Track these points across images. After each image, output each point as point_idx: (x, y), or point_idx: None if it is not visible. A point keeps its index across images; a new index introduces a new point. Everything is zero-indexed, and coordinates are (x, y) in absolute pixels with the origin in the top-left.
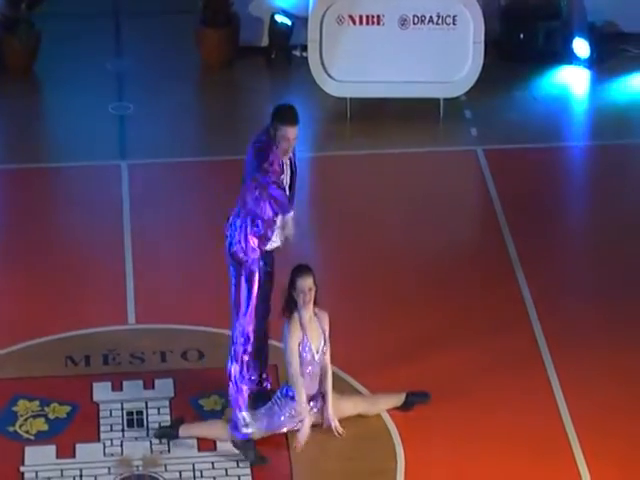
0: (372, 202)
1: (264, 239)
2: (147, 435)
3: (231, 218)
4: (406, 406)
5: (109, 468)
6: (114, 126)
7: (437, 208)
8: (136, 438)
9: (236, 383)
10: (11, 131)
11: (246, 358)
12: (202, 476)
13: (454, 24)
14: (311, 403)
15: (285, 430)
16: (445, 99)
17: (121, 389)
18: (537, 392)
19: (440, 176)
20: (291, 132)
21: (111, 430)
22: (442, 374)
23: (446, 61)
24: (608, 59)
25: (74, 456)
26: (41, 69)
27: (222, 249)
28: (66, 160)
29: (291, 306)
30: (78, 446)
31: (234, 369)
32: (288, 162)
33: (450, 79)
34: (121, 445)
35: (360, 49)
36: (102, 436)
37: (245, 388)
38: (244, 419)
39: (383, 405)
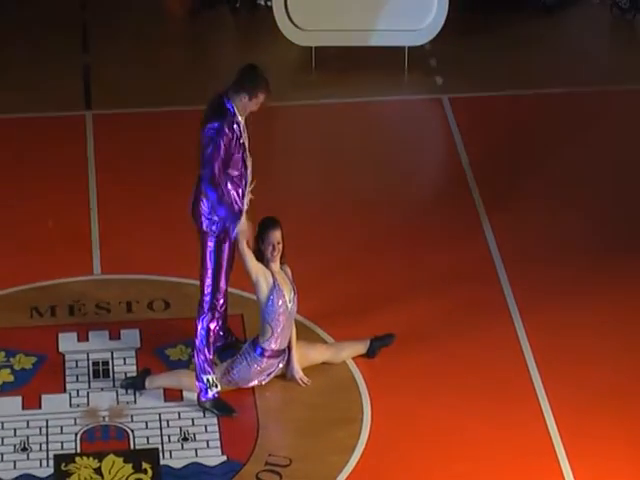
0: (338, 152)
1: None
2: (113, 386)
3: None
4: (371, 352)
5: (75, 419)
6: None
7: (403, 157)
8: (102, 389)
9: (202, 341)
10: None
11: (217, 315)
12: (168, 426)
13: None
14: (280, 357)
15: (253, 384)
16: (410, 47)
17: (87, 339)
18: (503, 339)
19: (406, 124)
20: (266, 98)
21: (77, 381)
22: (409, 324)
23: (411, 9)
24: (572, 5)
25: (40, 407)
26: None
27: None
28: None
29: (259, 259)
30: (44, 397)
31: (203, 326)
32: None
33: (415, 27)
34: (87, 396)
35: None
36: (68, 387)
37: (210, 348)
38: (209, 381)
39: (348, 352)
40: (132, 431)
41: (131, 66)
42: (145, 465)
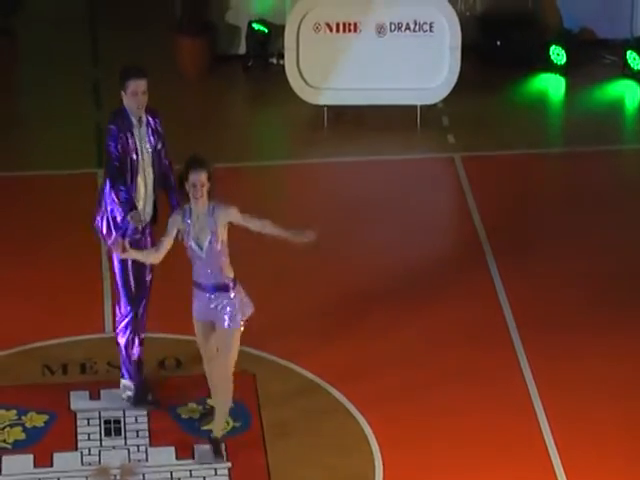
0: (348, 209)
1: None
2: (125, 444)
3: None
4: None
5: (86, 477)
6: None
7: (414, 215)
8: (114, 447)
9: (125, 352)
10: None
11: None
12: None
13: (431, 31)
14: (209, 295)
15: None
16: (422, 106)
17: (99, 397)
18: (516, 403)
19: (417, 183)
20: (138, 85)
21: (89, 439)
22: (420, 378)
23: (423, 68)
24: (584, 65)
25: (51, 465)
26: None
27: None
28: (42, 168)
29: (187, 199)
30: (56, 455)
31: (123, 341)
32: (146, 127)
33: (427, 86)
34: (99, 454)
35: (337, 56)
36: (80, 445)
37: (132, 358)
38: (125, 386)
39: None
40: None
41: None
42: None
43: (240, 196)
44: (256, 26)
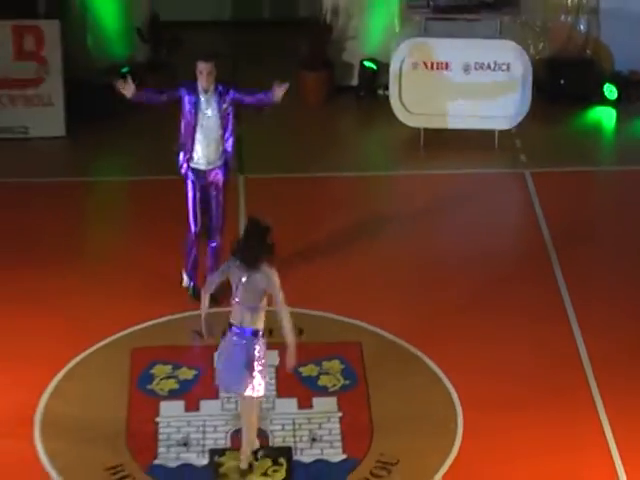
0: (437, 215)
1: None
2: None
3: None
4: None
5: (226, 421)
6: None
7: (490, 219)
8: None
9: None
10: None
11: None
12: (300, 429)
13: (508, 70)
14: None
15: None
16: (499, 131)
17: None
18: (584, 425)
19: (495, 193)
20: (204, 67)
21: None
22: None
23: (501, 100)
24: (632, 101)
25: (199, 410)
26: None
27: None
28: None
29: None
30: (202, 402)
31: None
32: (213, 100)
33: (504, 114)
34: (236, 402)
35: (431, 89)
36: (221, 395)
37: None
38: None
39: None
40: (271, 432)
41: (275, 141)
42: (281, 460)
43: (353, 198)
44: (367, 63)
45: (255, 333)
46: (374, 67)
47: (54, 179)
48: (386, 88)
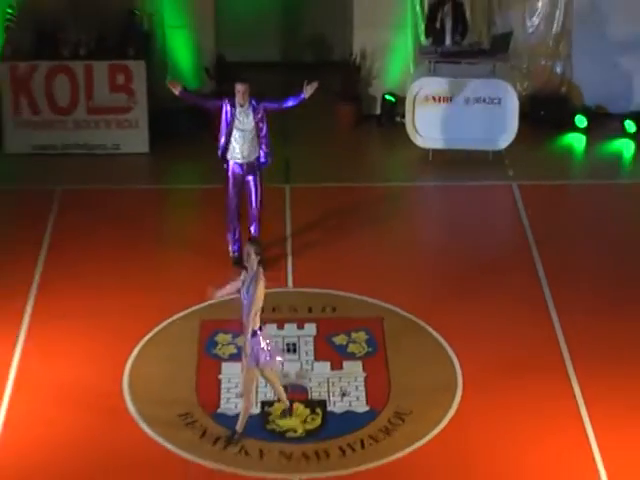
0: (441, 216)
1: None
2: (299, 358)
3: None
4: None
5: None
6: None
7: (483, 221)
8: (292, 360)
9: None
10: None
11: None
12: (333, 386)
13: (499, 103)
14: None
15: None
16: (492, 151)
17: (283, 329)
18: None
19: (488, 201)
20: (239, 87)
21: None
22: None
23: (494, 126)
24: (597, 129)
25: None
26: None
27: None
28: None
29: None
30: None
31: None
32: (248, 112)
33: (496, 137)
34: (282, 365)
35: (439, 117)
36: None
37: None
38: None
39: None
40: (310, 388)
41: (314, 158)
42: (317, 409)
43: (375, 203)
44: (387, 96)
45: (254, 333)
46: (393, 100)
47: (139, 186)
48: (403, 116)
